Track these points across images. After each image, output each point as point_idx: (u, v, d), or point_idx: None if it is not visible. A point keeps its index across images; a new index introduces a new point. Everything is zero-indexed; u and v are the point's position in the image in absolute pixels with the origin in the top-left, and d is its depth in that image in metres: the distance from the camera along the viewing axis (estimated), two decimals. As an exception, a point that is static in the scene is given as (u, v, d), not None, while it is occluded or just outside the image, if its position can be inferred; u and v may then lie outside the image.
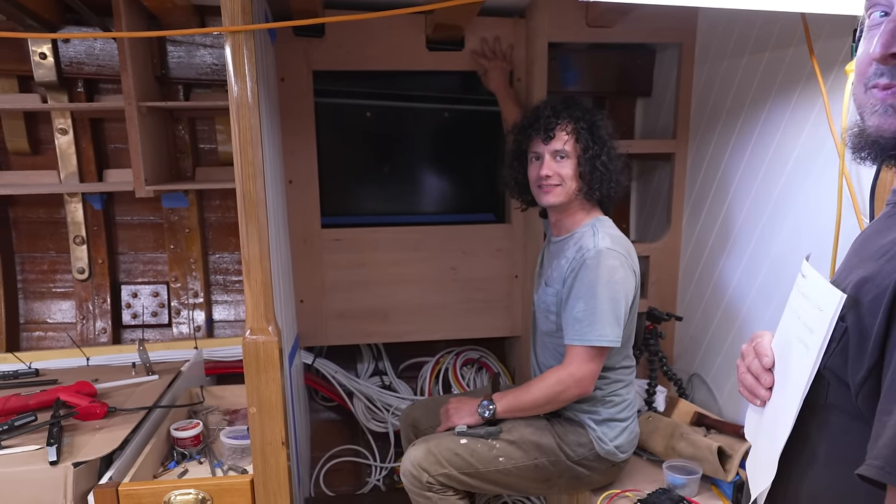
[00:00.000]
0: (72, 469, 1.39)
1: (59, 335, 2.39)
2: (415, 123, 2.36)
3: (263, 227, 1.39)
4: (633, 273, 1.64)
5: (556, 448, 1.68)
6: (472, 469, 1.66)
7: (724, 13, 1.98)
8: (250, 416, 1.44)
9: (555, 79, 2.35)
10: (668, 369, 2.17)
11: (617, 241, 1.64)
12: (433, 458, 1.66)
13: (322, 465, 2.55)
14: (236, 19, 1.28)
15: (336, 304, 2.31)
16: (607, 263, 1.58)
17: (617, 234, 1.69)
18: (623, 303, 1.59)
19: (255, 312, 1.42)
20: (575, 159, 1.66)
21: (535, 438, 1.68)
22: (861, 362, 0.70)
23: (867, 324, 0.69)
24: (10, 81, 2.19)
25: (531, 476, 1.69)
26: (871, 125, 0.75)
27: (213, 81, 2.24)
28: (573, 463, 1.68)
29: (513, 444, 1.68)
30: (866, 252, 0.77)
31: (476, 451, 1.66)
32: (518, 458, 1.67)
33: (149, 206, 2.39)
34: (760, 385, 0.87)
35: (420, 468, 1.65)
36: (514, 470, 1.67)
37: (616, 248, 1.61)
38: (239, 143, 1.34)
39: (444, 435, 1.71)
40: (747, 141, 1.90)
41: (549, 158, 1.66)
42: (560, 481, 1.71)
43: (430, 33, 2.15)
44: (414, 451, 1.67)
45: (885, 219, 0.80)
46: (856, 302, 0.71)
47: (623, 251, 1.63)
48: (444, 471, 1.65)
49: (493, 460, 1.66)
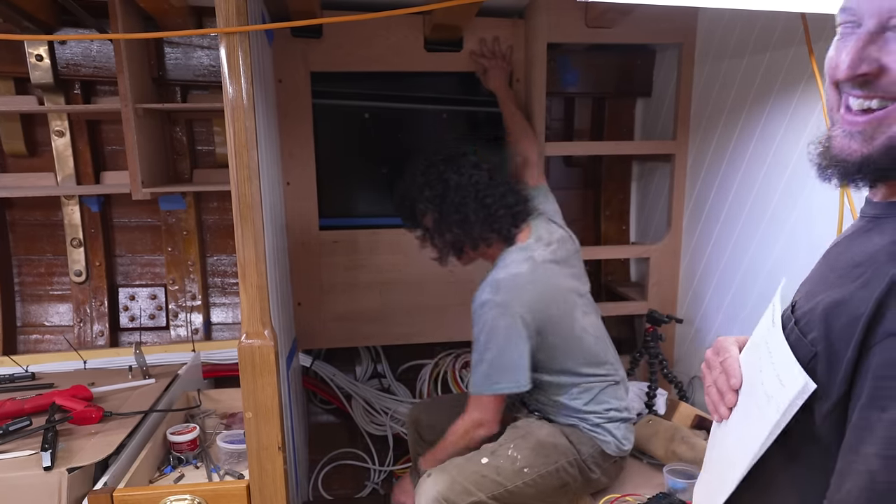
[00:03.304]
0: (66, 474, 1.38)
1: (56, 338, 2.38)
2: (413, 125, 2.35)
3: (259, 230, 1.38)
4: (518, 318, 1.56)
5: (570, 446, 1.66)
6: (500, 489, 1.58)
7: (725, 13, 1.97)
8: (246, 420, 1.43)
9: (554, 80, 2.35)
10: (669, 372, 2.16)
11: (500, 287, 1.58)
12: (459, 486, 1.55)
13: (320, 469, 2.53)
14: (231, 20, 1.27)
15: (334, 306, 2.30)
16: (487, 316, 1.57)
17: (504, 275, 1.60)
18: (514, 349, 1.57)
19: (250, 316, 1.40)
20: (429, 238, 1.74)
21: (551, 440, 1.66)
22: (830, 392, 0.67)
23: (837, 350, 0.66)
24: (7, 83, 2.18)
25: (553, 484, 1.63)
26: (835, 145, 0.72)
27: (211, 83, 2.24)
28: (586, 462, 1.66)
29: (533, 451, 1.63)
30: (840, 266, 0.73)
31: (500, 467, 1.59)
32: (540, 465, 1.61)
33: (146, 209, 2.38)
34: (723, 403, 0.83)
35: (445, 501, 1.54)
36: (538, 480, 1.61)
37: (495, 298, 1.57)
38: (234, 145, 1.33)
39: (461, 460, 1.63)
40: (748, 142, 1.88)
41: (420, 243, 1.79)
42: (576, 485, 1.67)
43: (428, 34, 2.14)
44: (434, 484, 1.56)
45: (861, 233, 0.76)
46: (827, 327, 0.68)
47: (503, 298, 1.56)
48: (473, 499, 1.55)
49: (518, 473, 1.59)
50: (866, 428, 0.62)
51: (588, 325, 1.69)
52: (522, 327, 1.57)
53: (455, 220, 1.66)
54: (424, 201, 1.69)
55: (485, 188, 1.66)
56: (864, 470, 0.62)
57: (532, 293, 1.59)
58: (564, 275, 1.70)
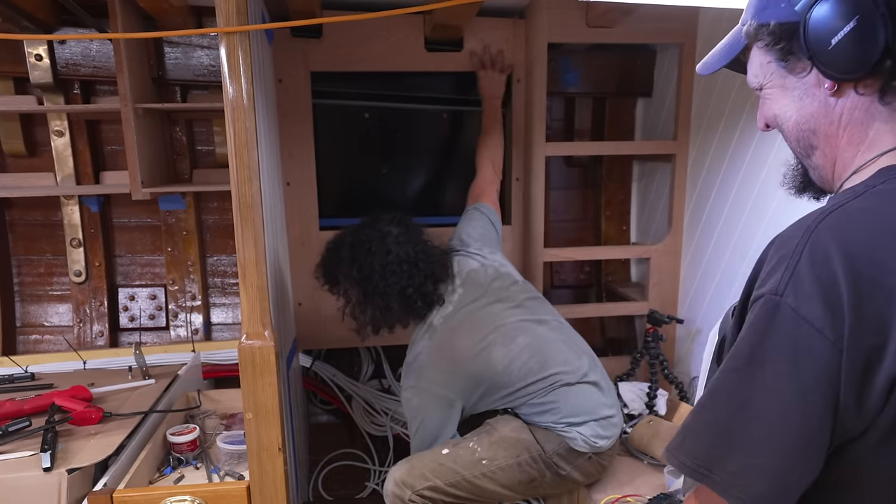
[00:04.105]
0: (66, 475, 1.37)
1: (56, 338, 2.38)
2: (413, 124, 2.34)
3: (259, 230, 1.38)
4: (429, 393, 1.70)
5: (535, 442, 1.67)
6: (457, 477, 1.65)
7: (725, 13, 1.97)
8: (246, 421, 1.42)
9: (555, 80, 2.34)
10: (669, 372, 2.15)
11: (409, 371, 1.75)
12: (416, 472, 1.66)
13: (321, 469, 2.53)
14: (231, 20, 1.26)
15: (335, 306, 2.27)
16: (404, 397, 1.77)
17: (410, 359, 1.75)
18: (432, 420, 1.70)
19: (250, 317, 1.40)
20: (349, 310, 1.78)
21: (514, 435, 1.68)
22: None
23: (729, 328, 0.81)
24: (6, 83, 2.17)
25: (516, 478, 1.67)
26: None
27: (211, 83, 2.23)
28: (551, 458, 1.66)
29: (494, 444, 1.68)
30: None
31: (459, 457, 1.66)
32: (501, 458, 1.66)
33: (146, 209, 2.37)
34: None
35: (403, 485, 1.65)
36: (498, 472, 1.65)
37: (406, 382, 1.74)
38: (234, 145, 1.32)
39: (425, 452, 1.73)
40: (749, 141, 1.88)
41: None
42: (545, 481, 1.69)
43: (428, 34, 2.13)
44: (396, 470, 1.69)
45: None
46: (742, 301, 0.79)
47: (412, 382, 1.72)
48: (429, 483, 1.64)
49: (476, 464, 1.65)
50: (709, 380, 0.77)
51: (514, 350, 1.68)
52: (436, 400, 1.69)
53: (377, 306, 1.73)
54: (350, 280, 1.74)
55: (407, 276, 1.70)
56: (689, 413, 0.77)
57: (436, 368, 1.70)
58: (472, 317, 1.72)
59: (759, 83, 0.84)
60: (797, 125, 0.81)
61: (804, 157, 0.84)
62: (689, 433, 0.75)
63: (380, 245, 1.70)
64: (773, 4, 0.78)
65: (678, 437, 0.76)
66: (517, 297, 1.78)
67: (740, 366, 0.70)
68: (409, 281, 1.69)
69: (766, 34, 0.79)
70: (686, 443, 0.74)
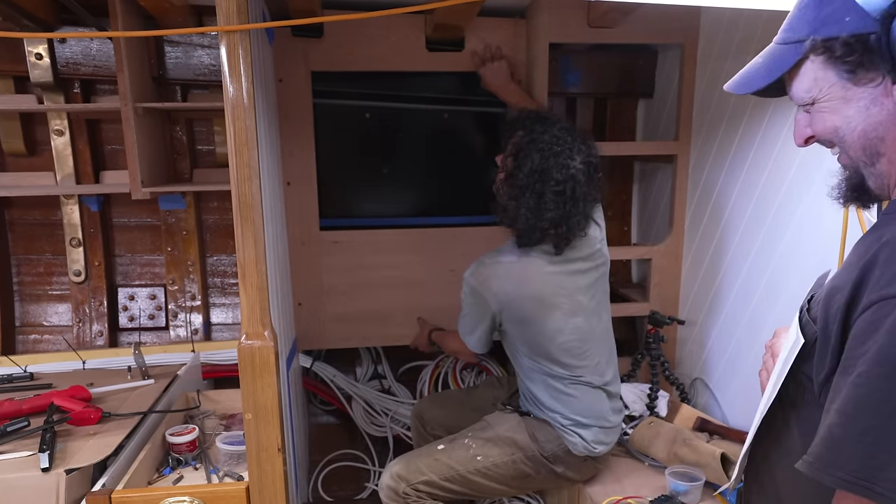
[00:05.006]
0: (64, 476, 1.37)
1: (55, 338, 2.38)
2: (414, 124, 2.34)
3: (259, 230, 1.37)
4: (483, 301, 1.70)
5: (531, 442, 1.71)
6: (452, 472, 1.69)
7: (727, 13, 1.96)
8: (246, 422, 1.42)
9: (556, 80, 2.33)
10: (670, 374, 2.15)
11: (474, 274, 1.71)
12: (412, 466, 1.71)
13: (320, 470, 2.52)
14: (231, 19, 1.26)
15: (335, 306, 2.29)
16: (463, 289, 1.76)
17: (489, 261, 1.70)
18: (480, 323, 1.75)
19: (250, 317, 1.39)
20: (495, 186, 1.72)
21: (510, 434, 1.72)
22: (823, 366, 0.78)
23: (830, 330, 0.77)
24: (6, 82, 2.17)
25: (510, 474, 1.72)
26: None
27: (211, 82, 2.23)
28: (547, 459, 1.71)
29: (489, 442, 1.72)
30: (850, 258, 0.81)
31: (454, 453, 1.71)
32: (495, 456, 1.70)
33: (146, 208, 2.37)
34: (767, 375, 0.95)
35: (398, 478, 1.69)
36: (492, 468, 1.70)
37: (470, 279, 1.72)
38: (234, 144, 1.32)
39: (421, 448, 1.81)
40: (751, 142, 1.87)
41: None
42: (539, 478, 1.75)
43: (429, 33, 2.13)
44: (394, 465, 1.74)
45: (872, 229, 0.83)
46: (825, 310, 0.78)
47: (476, 281, 1.70)
48: (424, 478, 1.69)
49: (471, 460, 1.70)
50: (835, 390, 0.73)
51: (568, 327, 1.68)
52: (483, 309, 1.72)
53: (528, 204, 1.60)
54: (526, 161, 1.60)
55: (570, 201, 1.58)
56: (827, 424, 0.73)
57: (502, 282, 1.68)
58: (561, 275, 1.68)
59: (813, 97, 0.83)
60: (864, 134, 0.80)
61: (867, 166, 0.82)
62: (836, 445, 0.71)
63: (568, 159, 1.59)
64: (835, 19, 0.76)
65: (823, 452, 0.72)
66: (601, 285, 1.79)
67: (889, 371, 0.68)
68: (573, 208, 1.59)
69: (839, 47, 0.77)
70: (837, 457, 0.71)
